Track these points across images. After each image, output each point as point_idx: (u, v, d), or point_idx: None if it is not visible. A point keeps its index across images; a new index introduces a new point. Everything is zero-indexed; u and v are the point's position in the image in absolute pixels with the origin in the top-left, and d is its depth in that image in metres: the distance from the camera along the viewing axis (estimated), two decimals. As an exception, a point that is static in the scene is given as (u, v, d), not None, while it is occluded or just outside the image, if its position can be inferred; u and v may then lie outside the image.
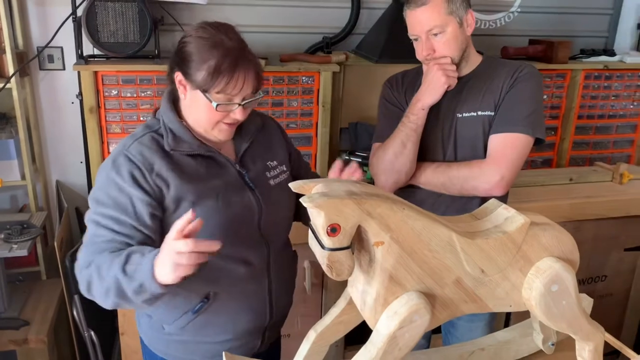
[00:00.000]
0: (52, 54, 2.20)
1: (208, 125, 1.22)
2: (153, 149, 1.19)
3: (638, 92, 2.65)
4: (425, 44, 1.50)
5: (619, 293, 2.57)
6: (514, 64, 1.59)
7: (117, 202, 1.15)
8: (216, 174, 1.25)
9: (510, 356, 1.28)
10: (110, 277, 1.06)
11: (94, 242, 1.14)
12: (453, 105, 1.57)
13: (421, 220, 0.92)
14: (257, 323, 1.33)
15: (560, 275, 0.98)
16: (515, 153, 1.50)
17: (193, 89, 1.18)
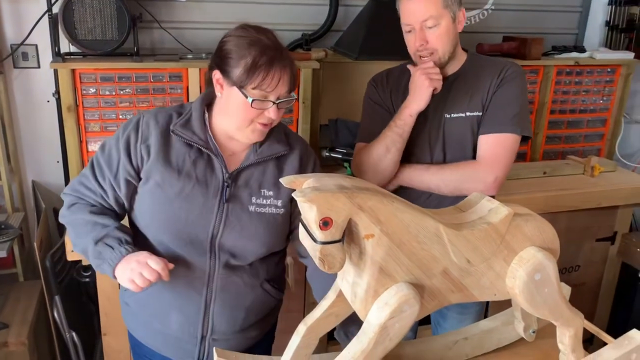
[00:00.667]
0: (26, 51, 2.16)
1: (243, 124, 1.23)
2: (160, 124, 1.27)
3: (607, 88, 2.73)
4: (418, 35, 1.49)
5: (591, 282, 2.66)
6: (498, 62, 1.62)
7: (110, 154, 1.28)
8: (200, 172, 1.26)
9: (492, 344, 1.32)
10: (83, 240, 1.24)
11: (81, 182, 1.31)
12: (441, 106, 1.58)
13: (410, 213, 0.95)
14: (186, 329, 1.32)
15: (543, 264, 1.02)
16: (506, 153, 1.54)
17: (230, 86, 1.21)
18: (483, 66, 1.60)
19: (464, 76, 1.59)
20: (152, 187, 1.25)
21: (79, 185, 1.31)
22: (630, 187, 2.49)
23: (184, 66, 2.01)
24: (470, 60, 1.62)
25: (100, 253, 1.21)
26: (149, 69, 1.99)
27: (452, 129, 1.58)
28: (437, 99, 1.57)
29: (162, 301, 1.32)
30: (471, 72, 1.59)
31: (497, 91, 1.55)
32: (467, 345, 1.29)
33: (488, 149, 1.54)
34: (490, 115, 1.55)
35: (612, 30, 2.88)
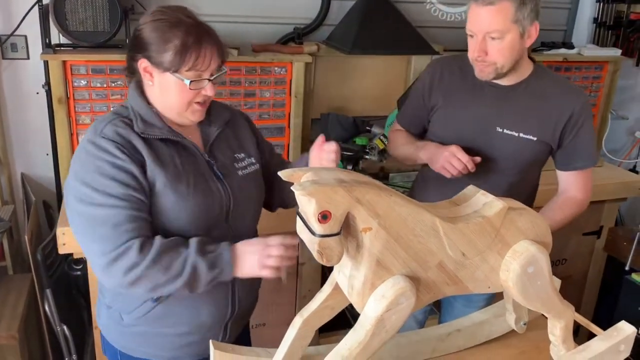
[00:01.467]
0: (15, 42, 2.14)
1: (181, 108, 1.22)
2: (128, 130, 1.20)
3: (594, 84, 2.76)
4: (479, 45, 1.43)
5: (577, 275, 2.71)
6: (565, 88, 1.59)
7: (118, 180, 1.14)
8: (187, 161, 1.25)
9: (484, 336, 1.34)
10: (181, 264, 1.14)
11: (114, 224, 1.12)
12: (493, 116, 1.54)
13: (407, 207, 0.96)
14: (217, 317, 1.32)
15: (536, 257, 1.04)
16: (590, 181, 1.68)
17: (161, 72, 1.19)
18: (547, 87, 1.55)
19: (524, 91, 1.54)
20: (162, 191, 1.20)
21: (121, 237, 1.12)
22: (616, 183, 2.53)
23: (176, 59, 2.00)
24: (535, 74, 1.56)
25: (213, 259, 1.16)
26: (141, 61, 1.97)
27: (500, 144, 1.54)
28: (489, 106, 1.55)
29: (194, 299, 1.27)
30: (534, 89, 1.54)
31: (576, 130, 1.55)
32: (459, 337, 1.31)
33: (583, 185, 1.67)
34: (576, 152, 1.59)
35: (600, 27, 2.92)
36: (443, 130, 1.63)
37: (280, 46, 2.25)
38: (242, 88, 2.13)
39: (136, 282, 1.12)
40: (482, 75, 1.50)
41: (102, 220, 1.12)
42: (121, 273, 1.11)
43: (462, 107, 1.59)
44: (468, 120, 1.57)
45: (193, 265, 1.14)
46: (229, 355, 1.13)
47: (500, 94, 1.54)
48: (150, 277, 1.12)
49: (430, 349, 1.28)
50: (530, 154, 1.57)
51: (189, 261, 1.14)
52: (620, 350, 1.17)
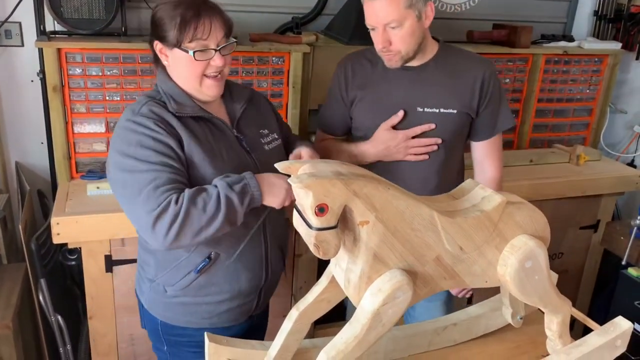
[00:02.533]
0: (9, 29, 2.10)
1: (195, 81, 1.31)
2: (163, 110, 1.29)
3: (594, 77, 2.75)
4: (381, 36, 1.47)
5: (573, 269, 2.71)
6: (473, 59, 1.64)
7: (158, 151, 1.23)
8: (219, 138, 1.34)
9: (480, 330, 1.34)
10: (216, 201, 1.19)
11: (156, 185, 1.19)
12: (411, 98, 1.57)
13: (405, 200, 0.95)
14: (254, 283, 1.42)
15: (534, 251, 1.03)
16: (501, 151, 1.70)
17: (171, 50, 1.29)
18: (457, 61, 1.60)
19: (435, 68, 1.58)
20: (199, 167, 1.29)
21: (163, 195, 1.19)
22: (614, 177, 2.53)
23: (173, 48, 1.98)
24: (442, 52, 1.60)
25: (242, 192, 1.22)
26: (137, 49, 1.95)
27: (422, 124, 1.57)
28: (405, 89, 1.57)
29: (234, 267, 1.37)
30: (443, 65, 1.58)
31: (485, 98, 1.59)
32: (455, 331, 1.31)
33: (492, 154, 1.67)
34: (486, 121, 1.62)
35: (600, 20, 2.90)
36: (367, 121, 1.64)
37: (278, 36, 2.23)
38: (240, 78, 2.11)
39: (181, 231, 1.17)
40: (391, 64, 1.54)
41: (145, 183, 1.20)
42: (166, 227, 1.17)
43: (380, 95, 1.60)
44: (388, 107, 1.59)
45: (227, 198, 1.19)
46: (224, 347, 1.12)
47: (413, 75, 1.57)
48: (192, 222, 1.18)
49: (426, 343, 1.28)
50: (453, 128, 1.60)
51: (222, 197, 1.19)
52: (617, 346, 1.17)
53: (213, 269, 1.36)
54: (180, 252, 1.34)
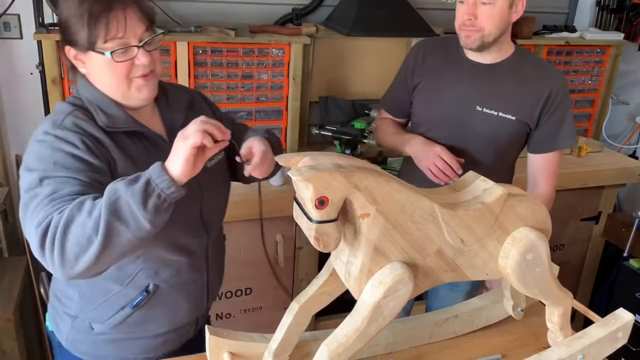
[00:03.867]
0: (8, 21, 2.09)
1: (122, 85, 1.08)
2: (90, 124, 1.06)
3: (596, 68, 2.74)
4: (469, 8, 1.45)
5: (574, 261, 2.71)
6: (546, 69, 1.60)
7: (74, 168, 0.99)
8: (155, 157, 1.04)
9: (481, 322, 1.34)
10: (101, 202, 0.89)
11: (53, 198, 0.94)
12: (473, 95, 1.55)
13: (405, 193, 0.94)
14: (195, 313, 1.30)
15: (535, 244, 1.03)
16: (558, 168, 1.67)
17: (85, 54, 1.06)
18: (529, 69, 1.57)
19: (505, 71, 1.55)
20: None
21: (50, 202, 0.94)
22: (615, 168, 2.52)
23: (172, 39, 1.97)
24: (516, 55, 1.57)
25: (135, 178, 0.92)
26: (136, 41, 1.94)
27: (479, 123, 1.55)
28: (468, 84, 1.56)
29: (174, 299, 1.23)
30: (514, 70, 1.56)
31: (553, 113, 1.55)
32: (457, 323, 1.31)
33: (549, 167, 1.65)
34: (549, 134, 1.59)
35: (603, 10, 2.88)
36: (426, 110, 1.64)
37: (278, 27, 2.21)
38: (240, 70, 2.10)
39: (64, 245, 0.89)
40: (467, 42, 1.51)
41: (43, 196, 0.95)
42: (50, 243, 0.90)
43: (444, 86, 1.60)
44: (450, 99, 1.58)
45: (112, 190, 0.90)
46: (225, 340, 1.12)
47: (481, 72, 1.56)
48: (75, 230, 0.89)
49: (428, 335, 1.28)
50: (509, 134, 1.58)
51: (108, 189, 0.91)
52: (618, 337, 1.17)
53: (151, 303, 1.19)
54: (111, 285, 1.15)
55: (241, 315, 2.17)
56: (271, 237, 2.08)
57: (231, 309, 2.15)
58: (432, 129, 1.62)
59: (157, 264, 1.17)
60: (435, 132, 1.61)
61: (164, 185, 0.91)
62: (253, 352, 1.15)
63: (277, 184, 2.05)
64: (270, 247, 2.09)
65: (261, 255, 2.09)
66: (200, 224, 1.23)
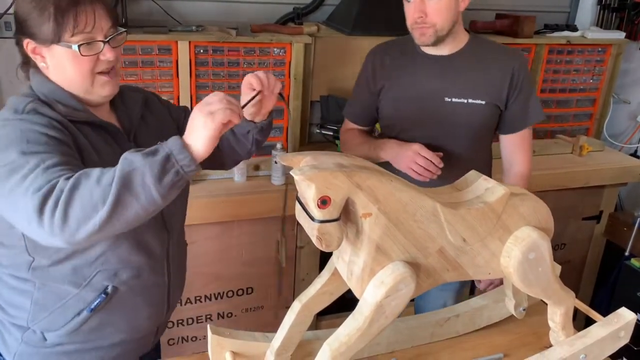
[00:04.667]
0: (9, 21, 2.09)
1: (85, 80, 1.07)
2: (51, 111, 1.03)
3: (597, 67, 2.73)
4: (418, 6, 1.46)
5: (576, 260, 2.71)
6: (504, 50, 1.62)
7: (51, 145, 0.96)
8: (116, 150, 1.07)
9: (483, 321, 1.34)
10: (112, 171, 0.86)
11: (46, 166, 0.90)
12: (439, 87, 1.56)
13: (407, 192, 0.94)
14: (155, 319, 1.25)
15: (537, 243, 1.03)
16: (531, 145, 1.69)
17: (48, 48, 1.04)
18: (486, 52, 1.58)
19: (464, 59, 1.57)
20: None
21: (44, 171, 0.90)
22: (616, 167, 2.52)
23: (174, 39, 1.97)
24: (472, 42, 1.59)
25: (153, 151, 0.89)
26: (138, 41, 1.94)
27: (453, 114, 1.56)
28: (432, 78, 1.56)
29: (133, 303, 1.18)
30: (473, 56, 1.57)
31: (516, 90, 1.57)
32: (458, 322, 1.31)
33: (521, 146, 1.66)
34: (516, 113, 1.60)
35: (604, 9, 2.87)
36: (393, 111, 1.64)
37: (279, 26, 2.21)
38: (241, 69, 2.10)
39: (68, 208, 0.85)
40: (422, 40, 1.51)
41: (32, 168, 0.90)
42: (52, 207, 0.85)
43: (408, 85, 1.60)
44: (416, 97, 1.58)
45: (127, 160, 0.87)
46: (227, 339, 1.12)
47: (442, 64, 1.56)
48: (81, 195, 0.85)
49: (429, 334, 1.28)
50: (481, 119, 1.59)
51: (123, 159, 0.88)
52: (620, 337, 1.17)
53: (110, 306, 1.14)
54: (67, 289, 1.10)
55: (243, 315, 2.17)
56: (272, 236, 2.08)
57: (233, 308, 2.15)
58: (405, 128, 1.62)
59: (116, 265, 1.12)
60: (410, 130, 1.61)
61: (185, 162, 0.88)
62: (255, 352, 1.15)
63: (279, 183, 2.05)
64: (272, 246, 2.09)
65: (262, 254, 2.09)
66: (161, 222, 1.20)
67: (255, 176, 2.10)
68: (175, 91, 2.02)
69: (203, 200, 1.90)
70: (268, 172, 2.09)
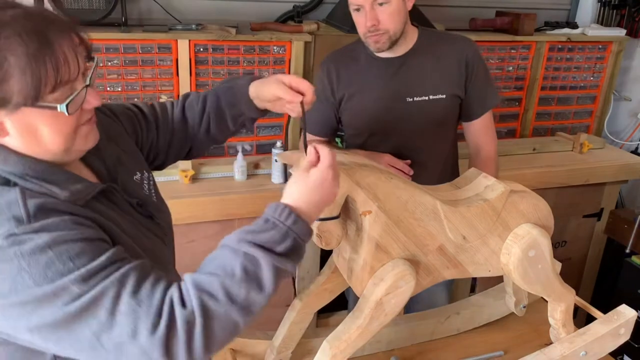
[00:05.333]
0: None
1: (68, 141, 0.80)
2: (52, 200, 0.77)
3: (598, 64, 2.73)
4: (369, 14, 1.44)
5: (577, 258, 2.70)
6: (454, 40, 1.62)
7: (97, 250, 0.74)
8: (115, 209, 0.88)
9: (483, 319, 1.34)
10: (240, 281, 0.74)
11: (135, 282, 0.72)
12: (398, 88, 1.56)
13: (407, 190, 0.94)
14: None
15: (537, 240, 1.03)
16: (494, 127, 1.68)
17: (15, 114, 0.74)
18: (437, 44, 1.58)
19: (417, 55, 1.57)
20: None
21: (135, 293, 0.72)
22: (617, 164, 2.51)
23: (174, 37, 1.97)
24: (422, 37, 1.58)
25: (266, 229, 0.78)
26: (137, 39, 1.94)
27: (415, 113, 1.56)
28: (389, 80, 1.56)
29: None
30: (425, 51, 1.57)
31: (470, 77, 1.57)
32: (458, 320, 1.31)
33: (486, 131, 1.65)
34: (476, 100, 1.61)
35: (605, 6, 2.86)
36: (357, 120, 1.63)
37: (279, 25, 2.21)
38: (241, 67, 2.09)
39: (213, 342, 0.73)
40: (378, 47, 1.51)
41: (114, 292, 0.71)
42: (184, 344, 0.71)
43: (367, 91, 1.59)
44: (377, 102, 1.57)
45: (250, 258, 0.76)
46: (227, 337, 1.12)
47: (398, 65, 1.56)
48: (221, 321, 0.73)
49: (429, 332, 1.28)
50: (445, 112, 1.60)
51: (246, 259, 0.75)
52: (620, 334, 1.17)
53: None
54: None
55: (243, 313, 2.17)
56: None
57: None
58: (373, 133, 1.61)
59: None
60: (377, 136, 1.61)
61: (307, 239, 0.80)
62: (255, 349, 1.15)
63: (280, 181, 2.05)
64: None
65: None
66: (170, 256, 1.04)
67: (256, 174, 2.10)
68: (175, 89, 2.02)
69: (203, 198, 1.90)
70: (268, 171, 2.09)
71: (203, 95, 1.10)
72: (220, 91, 1.08)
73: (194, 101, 1.10)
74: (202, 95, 1.10)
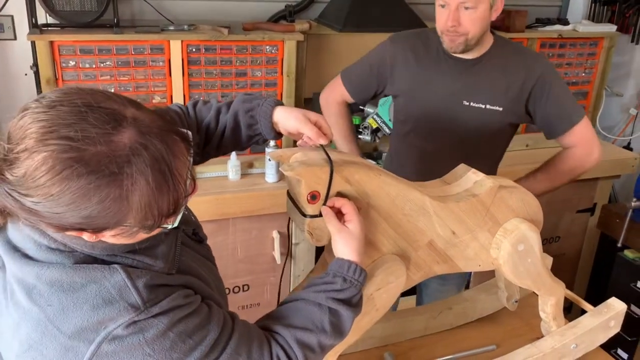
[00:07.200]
0: (1, 22, 2.09)
1: None
2: (162, 277, 0.78)
3: (589, 60, 2.74)
4: (453, 14, 1.44)
5: (570, 253, 2.72)
6: (524, 54, 1.59)
7: (212, 323, 0.79)
8: (189, 258, 0.90)
9: (476, 314, 1.35)
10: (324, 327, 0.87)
11: (247, 345, 0.83)
12: (459, 90, 1.55)
13: (396, 186, 0.95)
14: None
15: (526, 235, 1.04)
16: (593, 133, 1.60)
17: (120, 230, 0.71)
18: (510, 56, 1.56)
19: (487, 62, 1.56)
20: None
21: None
22: (610, 160, 2.53)
23: (166, 38, 1.97)
24: (496, 46, 1.57)
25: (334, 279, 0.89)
26: (130, 40, 1.94)
27: (468, 117, 1.55)
28: (452, 80, 1.56)
29: None
30: (496, 60, 1.56)
31: (544, 97, 1.53)
32: (451, 315, 1.32)
33: (581, 138, 1.57)
34: (556, 118, 1.55)
35: (595, 2, 2.88)
36: (410, 108, 1.63)
37: (271, 24, 2.21)
38: (234, 67, 2.10)
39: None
40: (452, 46, 1.51)
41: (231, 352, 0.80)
42: None
43: (427, 83, 1.59)
44: (435, 95, 1.58)
45: (333, 312, 0.88)
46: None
47: (465, 67, 1.56)
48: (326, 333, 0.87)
49: (422, 327, 1.29)
50: (497, 125, 1.58)
51: (329, 309, 0.88)
52: (611, 326, 1.18)
53: None
54: None
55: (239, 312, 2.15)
56: (267, 233, 2.09)
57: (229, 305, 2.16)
58: (419, 125, 1.62)
59: None
60: (424, 128, 1.61)
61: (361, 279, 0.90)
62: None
63: (273, 180, 2.06)
64: (267, 243, 2.10)
65: (257, 251, 2.10)
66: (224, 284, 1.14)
67: (249, 174, 2.11)
68: (168, 90, 2.03)
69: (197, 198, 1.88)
70: (262, 170, 2.09)
71: (216, 112, 1.04)
72: (240, 112, 1.03)
73: (211, 122, 1.04)
74: (215, 112, 1.05)
